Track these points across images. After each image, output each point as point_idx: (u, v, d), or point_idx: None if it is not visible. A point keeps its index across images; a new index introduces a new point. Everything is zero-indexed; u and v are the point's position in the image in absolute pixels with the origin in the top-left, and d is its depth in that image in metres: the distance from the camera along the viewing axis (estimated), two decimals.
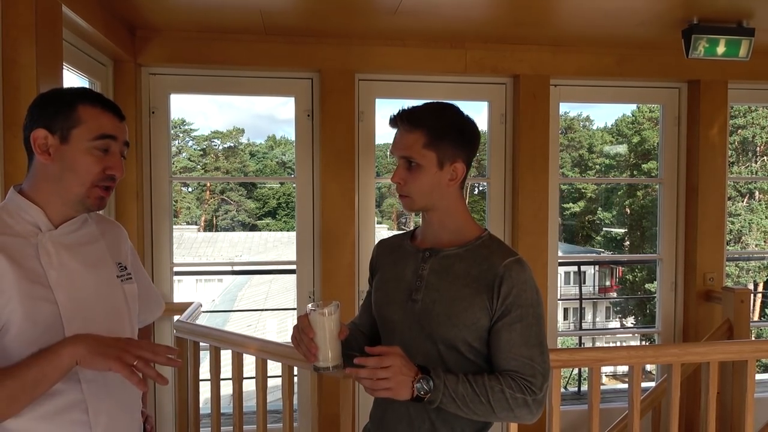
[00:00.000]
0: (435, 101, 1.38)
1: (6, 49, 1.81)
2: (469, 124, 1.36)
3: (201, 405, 2.68)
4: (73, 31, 2.37)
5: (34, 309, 1.15)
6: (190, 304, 2.98)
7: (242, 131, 24.62)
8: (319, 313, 1.24)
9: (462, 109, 1.38)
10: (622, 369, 13.19)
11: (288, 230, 21.16)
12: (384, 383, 1.19)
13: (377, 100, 3.29)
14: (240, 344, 2.35)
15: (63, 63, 2.08)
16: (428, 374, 1.22)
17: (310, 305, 1.27)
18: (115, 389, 1.26)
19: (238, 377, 2.37)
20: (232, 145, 24.23)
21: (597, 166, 21.49)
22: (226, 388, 2.61)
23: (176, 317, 2.81)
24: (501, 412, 1.25)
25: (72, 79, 2.54)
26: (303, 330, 1.26)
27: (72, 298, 1.20)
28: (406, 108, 1.35)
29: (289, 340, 1.36)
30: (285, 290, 12.89)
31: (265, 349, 2.27)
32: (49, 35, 1.95)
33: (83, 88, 1.29)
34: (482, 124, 3.68)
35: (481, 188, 21.81)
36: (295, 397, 2.70)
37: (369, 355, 1.21)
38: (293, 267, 3.34)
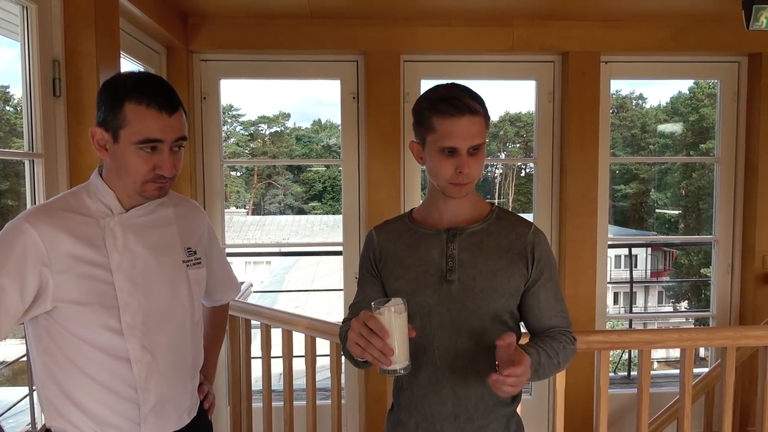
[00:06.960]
0: (445, 83, 1.38)
1: (69, 40, 1.89)
2: None
3: (252, 381, 2.76)
4: (129, 20, 2.46)
5: (89, 289, 1.20)
6: (241, 284, 3.08)
7: (288, 116, 24.93)
8: (395, 312, 1.14)
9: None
10: (675, 354, 12.81)
11: (333, 213, 21.37)
12: (518, 388, 1.18)
13: (422, 81, 3.28)
14: (290, 322, 2.42)
15: (120, 51, 2.17)
16: None
17: (373, 304, 1.15)
18: (165, 370, 1.30)
19: (288, 354, 2.44)
20: (278, 129, 24.55)
21: (651, 146, 20.72)
22: (276, 367, 2.69)
23: None
24: (562, 366, 1.34)
25: (128, 67, 2.64)
26: (377, 332, 1.12)
27: (130, 280, 1.24)
28: (462, 94, 1.31)
29: (337, 320, 1.37)
30: (331, 272, 13.06)
31: (313, 327, 2.32)
32: (108, 25, 2.02)
33: (135, 78, 1.22)
34: (530, 103, 3.62)
35: (528, 170, 21.40)
36: (342, 375, 2.76)
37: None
38: (340, 249, 3.40)
